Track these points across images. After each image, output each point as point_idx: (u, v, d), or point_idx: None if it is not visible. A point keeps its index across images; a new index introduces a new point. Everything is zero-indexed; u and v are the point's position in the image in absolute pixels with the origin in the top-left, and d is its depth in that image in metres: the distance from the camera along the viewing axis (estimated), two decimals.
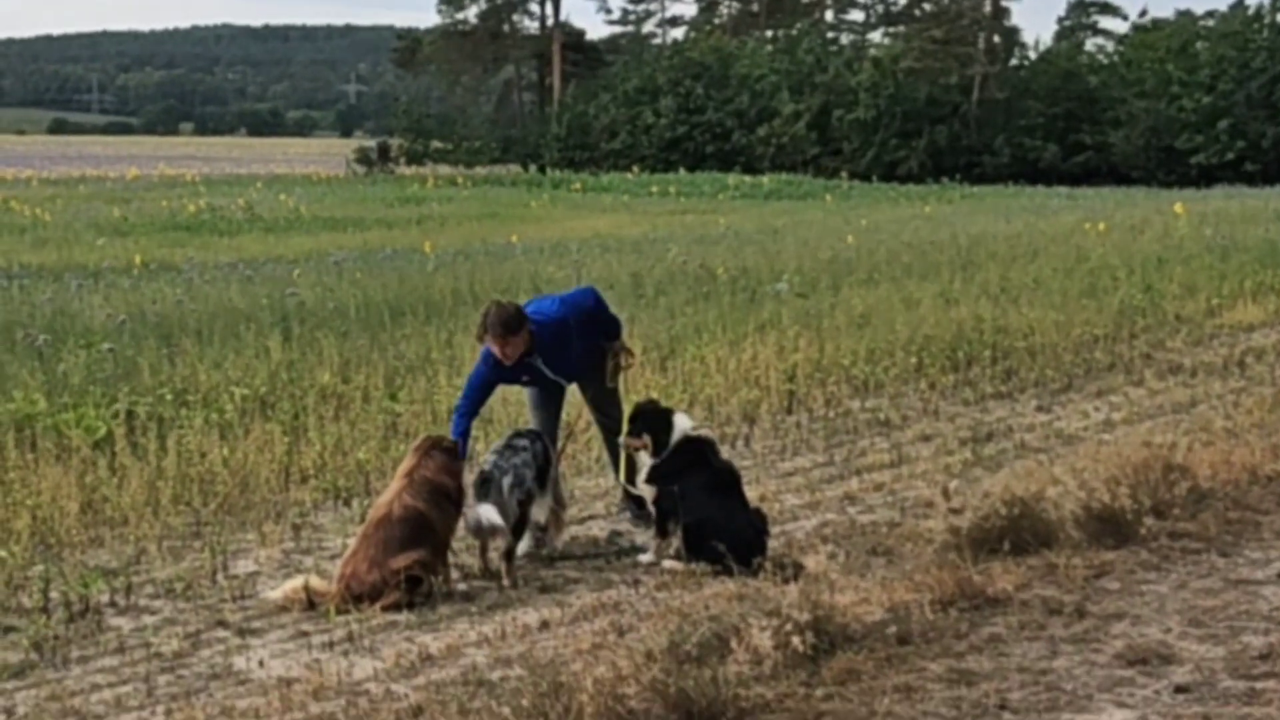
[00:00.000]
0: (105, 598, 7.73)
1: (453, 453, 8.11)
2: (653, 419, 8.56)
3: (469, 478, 8.26)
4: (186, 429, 10.49)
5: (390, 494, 7.86)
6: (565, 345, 8.74)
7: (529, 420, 9.17)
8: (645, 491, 8.52)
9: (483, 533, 7.93)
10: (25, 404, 10.88)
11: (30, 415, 10.67)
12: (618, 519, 9.25)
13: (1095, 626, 6.92)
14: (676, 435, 8.42)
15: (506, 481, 8.05)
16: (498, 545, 8.08)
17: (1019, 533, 7.91)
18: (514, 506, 8.05)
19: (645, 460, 8.52)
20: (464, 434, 8.57)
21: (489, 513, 7.88)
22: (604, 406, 9.14)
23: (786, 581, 7.31)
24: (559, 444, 8.96)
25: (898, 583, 7.31)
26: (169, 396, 11.39)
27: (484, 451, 8.77)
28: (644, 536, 8.67)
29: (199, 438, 10.32)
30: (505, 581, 7.92)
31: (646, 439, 8.50)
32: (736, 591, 7.24)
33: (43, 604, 7.56)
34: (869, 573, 7.67)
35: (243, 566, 8.38)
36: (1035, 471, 9.00)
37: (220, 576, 8.14)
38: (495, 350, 8.53)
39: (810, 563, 7.76)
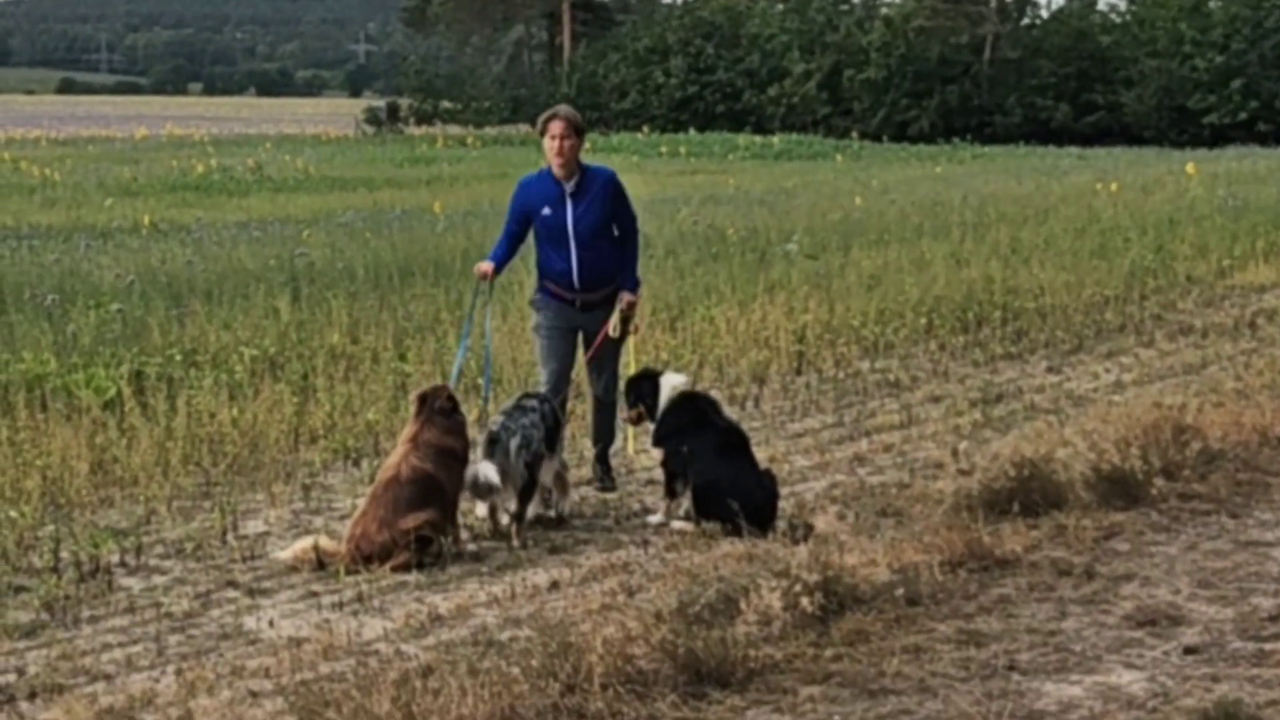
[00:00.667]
0: (115, 558, 7.75)
1: (453, 412, 8.07)
2: (640, 385, 8.58)
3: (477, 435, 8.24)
4: (196, 389, 10.50)
5: (397, 456, 7.86)
6: (598, 203, 8.80)
7: (539, 376, 9.17)
8: (654, 454, 8.52)
9: (479, 489, 7.89)
10: (35, 364, 10.90)
11: (40, 376, 10.69)
12: (627, 481, 9.26)
13: (1104, 588, 6.93)
14: (666, 393, 8.42)
15: (514, 443, 8.01)
16: (507, 506, 8.08)
17: (1028, 494, 7.91)
18: (520, 469, 8.02)
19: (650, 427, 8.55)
20: (501, 258, 8.94)
21: (487, 470, 7.85)
22: (600, 368, 9.07)
23: (796, 542, 7.32)
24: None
25: (907, 544, 7.30)
26: (178, 357, 11.41)
27: (494, 414, 8.73)
28: (653, 498, 8.68)
29: (208, 398, 10.33)
30: (515, 542, 7.93)
31: (640, 408, 8.51)
32: (746, 552, 7.25)
33: (53, 564, 7.58)
34: (878, 534, 7.66)
35: (252, 527, 8.40)
36: (1045, 433, 9.01)
37: (230, 537, 8.15)
38: (550, 140, 8.67)
39: (819, 524, 7.76)
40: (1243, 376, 11.53)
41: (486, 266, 8.96)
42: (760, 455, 8.71)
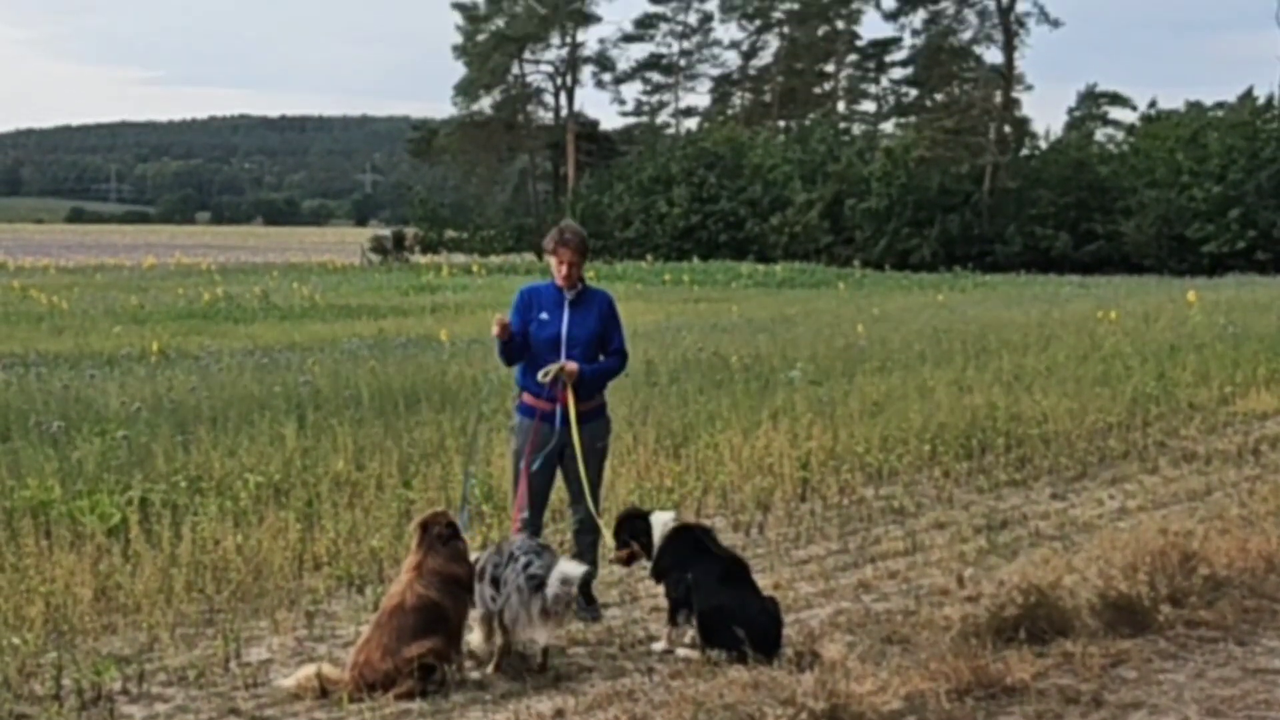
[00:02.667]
0: (118, 685, 7.70)
1: (453, 538, 8.06)
2: (631, 524, 8.59)
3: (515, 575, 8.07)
4: (200, 516, 10.51)
5: (402, 584, 7.84)
6: (595, 316, 9.06)
7: (515, 489, 9.07)
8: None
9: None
10: (40, 491, 10.91)
11: (45, 502, 10.69)
12: (631, 608, 9.22)
13: (1112, 716, 6.88)
14: (659, 530, 8.43)
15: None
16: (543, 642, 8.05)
17: (1035, 621, 7.89)
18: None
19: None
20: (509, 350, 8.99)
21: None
22: (578, 495, 9.01)
23: (802, 670, 7.27)
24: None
25: (914, 671, 7.26)
26: (183, 484, 11.42)
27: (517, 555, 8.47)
28: (656, 625, 8.64)
29: (213, 525, 10.32)
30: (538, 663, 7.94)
31: (634, 545, 8.52)
32: (752, 680, 7.19)
33: (55, 691, 7.54)
34: (885, 661, 7.63)
35: (255, 654, 8.36)
36: (1051, 559, 8.98)
37: (233, 664, 8.11)
38: (555, 261, 8.96)
39: (825, 651, 7.72)
40: (1247, 503, 11.53)
41: (502, 322, 8.93)
42: (764, 582, 8.69)
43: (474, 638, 8.09)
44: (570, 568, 7.93)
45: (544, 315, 8.99)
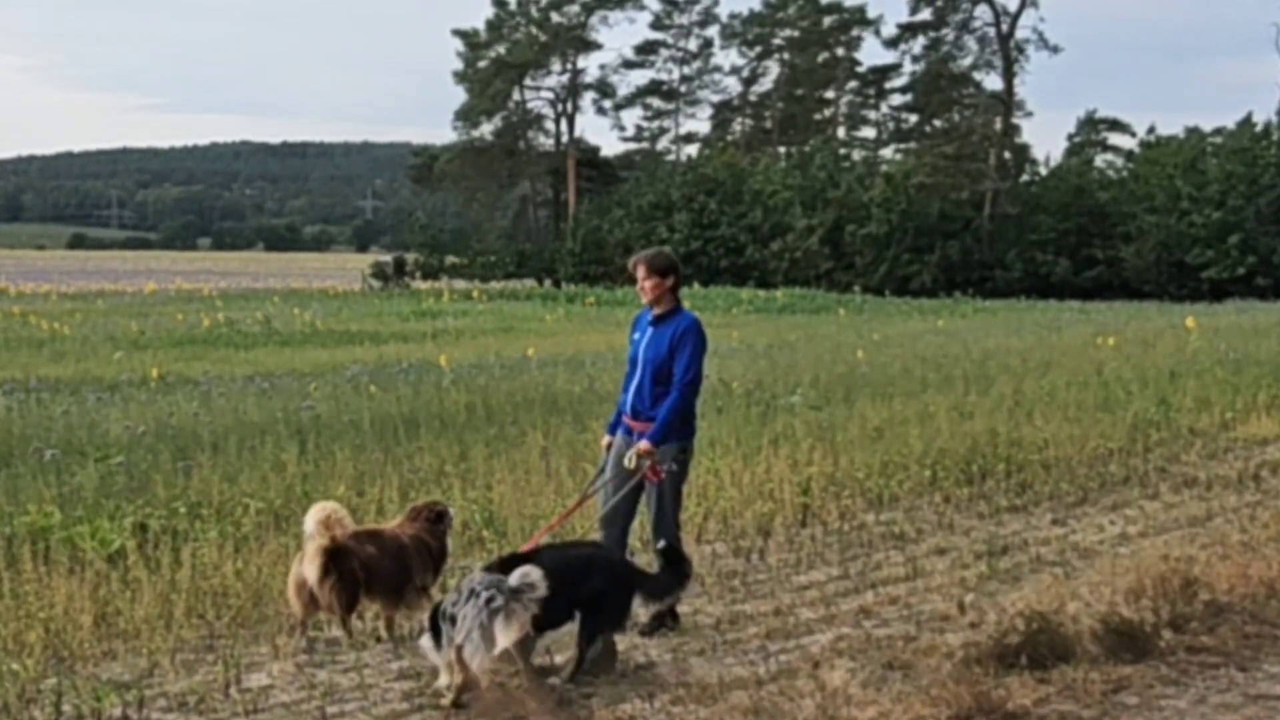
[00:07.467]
0: (118, 711, 7.69)
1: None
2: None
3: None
4: (201, 542, 10.49)
5: None
6: (668, 337, 8.99)
7: (600, 526, 9.19)
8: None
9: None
10: (40, 516, 10.90)
11: (44, 528, 10.68)
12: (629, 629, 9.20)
13: None
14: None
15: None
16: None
17: (1036, 647, 7.87)
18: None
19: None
20: (614, 421, 9.32)
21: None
22: (652, 512, 9.09)
23: (803, 696, 7.25)
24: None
25: (915, 697, 7.25)
26: (183, 509, 11.40)
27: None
28: (658, 651, 8.61)
29: (213, 550, 10.31)
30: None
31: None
32: (753, 705, 7.19)
33: (55, 717, 7.53)
34: (886, 687, 7.61)
35: (256, 680, 8.34)
36: (1052, 585, 8.97)
37: (233, 690, 8.09)
38: (638, 282, 9.08)
39: (827, 677, 7.70)
40: (1248, 529, 11.52)
41: (605, 441, 9.39)
42: (766, 607, 8.65)
43: (442, 681, 7.98)
44: (530, 570, 7.73)
45: (636, 335, 9.25)
